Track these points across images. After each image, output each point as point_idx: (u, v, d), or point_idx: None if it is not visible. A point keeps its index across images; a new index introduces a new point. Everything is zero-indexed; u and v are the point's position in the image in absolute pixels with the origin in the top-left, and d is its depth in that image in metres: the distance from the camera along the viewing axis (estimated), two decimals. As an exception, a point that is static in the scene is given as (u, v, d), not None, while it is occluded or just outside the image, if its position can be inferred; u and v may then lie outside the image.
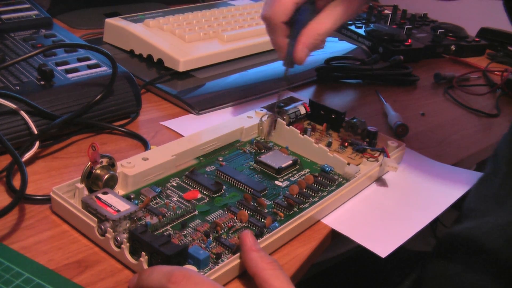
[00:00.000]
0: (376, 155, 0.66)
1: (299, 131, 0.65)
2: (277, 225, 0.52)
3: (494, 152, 0.60)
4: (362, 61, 0.97)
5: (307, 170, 0.63)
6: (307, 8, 0.60)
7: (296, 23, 0.60)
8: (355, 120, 0.69)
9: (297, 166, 0.63)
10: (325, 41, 0.62)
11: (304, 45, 0.59)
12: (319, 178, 0.60)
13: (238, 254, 0.46)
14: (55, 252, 0.47)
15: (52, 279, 0.43)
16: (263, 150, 0.65)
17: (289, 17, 0.59)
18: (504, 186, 0.54)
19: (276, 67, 0.90)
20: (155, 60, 0.84)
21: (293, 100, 0.74)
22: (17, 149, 0.55)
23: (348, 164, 0.62)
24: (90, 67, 0.69)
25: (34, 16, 0.77)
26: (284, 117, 0.68)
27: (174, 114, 0.74)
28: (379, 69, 0.94)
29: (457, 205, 0.62)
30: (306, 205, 0.57)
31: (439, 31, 1.13)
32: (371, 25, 1.12)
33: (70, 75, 0.67)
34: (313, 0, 0.60)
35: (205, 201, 0.55)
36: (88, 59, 0.71)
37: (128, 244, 0.46)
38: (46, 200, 0.52)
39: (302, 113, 0.70)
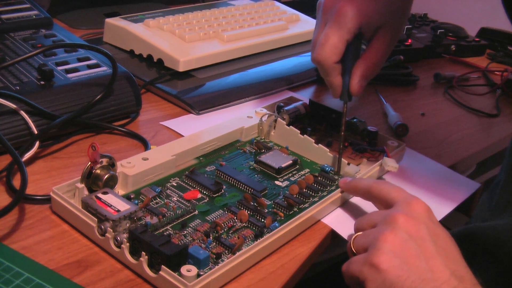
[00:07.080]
0: (376, 155, 0.66)
1: (299, 131, 0.65)
2: (277, 225, 0.52)
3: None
4: (362, 61, 0.97)
5: (307, 170, 0.63)
6: (355, 42, 0.60)
7: (347, 58, 0.60)
8: (355, 120, 0.69)
9: (297, 166, 0.63)
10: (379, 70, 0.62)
11: (361, 77, 0.60)
12: (319, 178, 0.60)
13: (238, 254, 0.46)
14: (55, 252, 0.47)
15: (52, 279, 0.43)
16: (263, 150, 0.65)
17: (341, 56, 0.60)
18: (503, 195, 0.55)
19: (276, 67, 0.90)
20: (155, 60, 0.84)
21: (293, 100, 0.74)
22: (17, 149, 0.55)
23: (348, 164, 0.62)
24: (90, 67, 0.69)
25: (34, 16, 0.77)
26: (284, 117, 0.68)
27: (174, 114, 0.74)
28: (379, 69, 0.94)
29: (458, 206, 0.62)
30: (306, 205, 0.57)
31: (439, 31, 1.13)
32: (371, 25, 1.12)
33: (70, 75, 0.66)
34: (360, 33, 0.60)
35: (205, 201, 0.55)
36: (88, 59, 0.71)
37: (128, 244, 0.46)
38: (46, 200, 0.52)
39: (302, 113, 0.70)
